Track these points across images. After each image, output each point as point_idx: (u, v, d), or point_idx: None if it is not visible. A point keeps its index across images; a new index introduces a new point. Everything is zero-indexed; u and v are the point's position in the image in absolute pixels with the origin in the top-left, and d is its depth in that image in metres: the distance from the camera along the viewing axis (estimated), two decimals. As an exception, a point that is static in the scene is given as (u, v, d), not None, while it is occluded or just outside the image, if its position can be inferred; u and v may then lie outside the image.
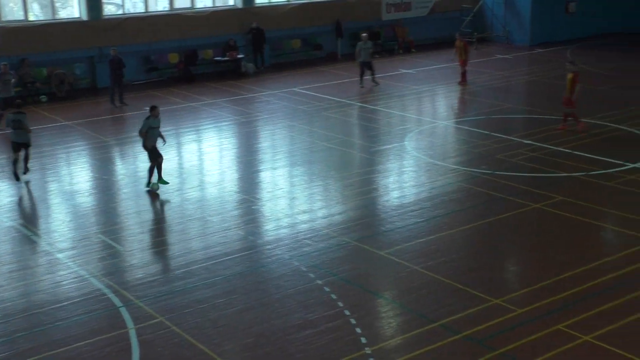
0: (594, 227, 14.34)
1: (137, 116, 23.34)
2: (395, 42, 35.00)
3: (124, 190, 17.20)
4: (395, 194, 16.56)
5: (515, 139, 20.20)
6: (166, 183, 16.85)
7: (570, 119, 20.94)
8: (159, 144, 16.93)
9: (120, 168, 19.20)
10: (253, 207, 15.81)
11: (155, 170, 16.75)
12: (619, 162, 17.94)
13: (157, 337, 10.76)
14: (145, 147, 16.68)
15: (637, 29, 38.18)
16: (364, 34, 28.00)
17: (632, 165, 17.66)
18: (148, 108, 17.09)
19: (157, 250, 13.79)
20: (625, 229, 14.22)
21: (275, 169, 18.45)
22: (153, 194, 16.61)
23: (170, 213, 15.60)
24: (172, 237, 14.34)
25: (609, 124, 21.35)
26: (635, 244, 13.46)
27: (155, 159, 16.66)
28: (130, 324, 11.14)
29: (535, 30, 36.05)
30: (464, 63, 27.02)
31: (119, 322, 11.22)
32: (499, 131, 20.94)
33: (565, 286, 11.94)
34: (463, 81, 27.03)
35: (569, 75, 20.62)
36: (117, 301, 11.84)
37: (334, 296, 11.83)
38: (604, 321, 10.90)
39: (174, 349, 10.46)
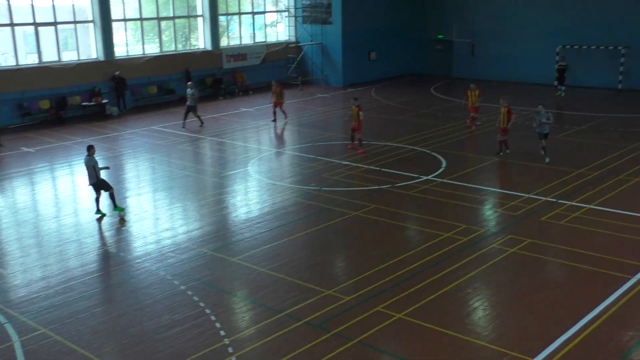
0: (400, 228, 14.90)
1: (12, 155, 21.86)
2: (235, 86, 34.94)
3: (4, 220, 15.98)
4: (242, 210, 16.47)
5: (336, 160, 20.68)
6: (122, 209, 15.99)
7: (355, 142, 21.82)
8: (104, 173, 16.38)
9: (1, 200, 17.85)
10: (122, 228, 15.18)
11: (109, 199, 16.03)
12: (415, 175, 18.80)
13: (40, 347, 10.06)
14: (96, 181, 15.75)
15: (421, 71, 40.32)
16: (190, 83, 27.11)
17: (425, 177, 18.55)
18: (86, 148, 16.09)
19: (38, 271, 12.90)
20: (424, 227, 14.90)
21: (140, 194, 17.84)
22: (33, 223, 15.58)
23: (48, 238, 14.66)
24: (52, 258, 13.48)
25: (406, 145, 22.33)
26: (432, 238, 14.13)
27: (110, 187, 15.94)
28: (15, 337, 10.34)
29: (347, 73, 37.22)
30: (277, 104, 27.01)
31: (4, 336, 10.39)
32: (323, 155, 21.37)
33: (381, 276, 12.33)
34: (275, 120, 26.92)
35: (355, 110, 21.34)
36: (1, 318, 10.95)
37: (196, 298, 11.57)
38: (412, 300, 11.35)
39: (58, 356, 9.82)
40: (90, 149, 15.65)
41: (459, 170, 19.17)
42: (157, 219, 15.82)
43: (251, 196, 17.64)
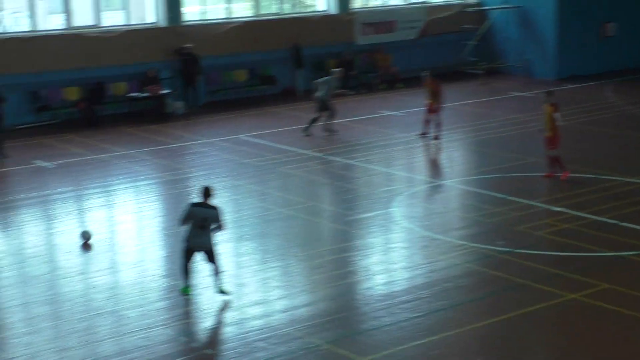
0: (650, 325, 14.50)
1: (20, 172, 23.25)
2: (375, 74, 35.45)
3: (5, 274, 16.97)
4: (380, 278, 16.58)
5: (540, 204, 20.46)
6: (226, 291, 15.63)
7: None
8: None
9: (-1, 243, 19.06)
10: (186, 297, 15.71)
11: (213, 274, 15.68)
12: (681, 236, 18.27)
13: None
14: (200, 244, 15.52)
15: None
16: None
17: (698, 241, 17.98)
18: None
19: (52, 358, 13.55)
20: (693, 327, 14.40)
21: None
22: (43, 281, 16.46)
23: (70, 306, 15.41)
24: (73, 339, 14.14)
25: (665, 185, 21.81)
26: None
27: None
28: None
29: (564, 59, 36.80)
30: (433, 109, 26.99)
31: None
32: (517, 194, 21.20)
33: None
34: (425, 133, 27.00)
35: (548, 110, 22.02)
36: None
37: (300, 420, 11.75)
38: None
39: None
40: (208, 193, 15.45)
41: None
42: (241, 286, 16.24)
43: (395, 256, 17.74)
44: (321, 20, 34.86)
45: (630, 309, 14.96)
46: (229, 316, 14.91)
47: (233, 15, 33.35)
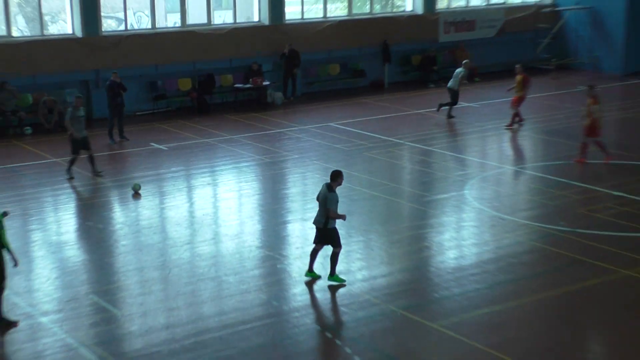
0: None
1: (139, 153, 23.79)
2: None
3: (123, 243, 17.46)
4: (452, 253, 16.64)
5: (602, 189, 20.23)
6: (341, 280, 15.07)
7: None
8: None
9: (119, 215, 19.54)
10: (278, 266, 15.97)
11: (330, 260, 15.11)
12: None
13: (159, 421, 10.88)
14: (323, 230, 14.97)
15: None
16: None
17: None
18: (329, 175, 15.23)
19: (161, 316, 13.92)
20: None
21: (305, 220, 18.63)
22: (157, 249, 16.91)
23: (178, 271, 15.80)
24: (180, 300, 14.50)
25: None
26: None
27: (340, 244, 15.11)
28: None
29: (631, 55, 36.11)
30: (518, 102, 26.80)
31: (114, 401, 11.37)
32: (581, 179, 21.00)
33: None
34: (511, 125, 26.81)
35: (589, 103, 22.30)
36: (111, 376, 12.00)
37: (375, 377, 11.90)
38: None
39: None
40: (337, 178, 14.99)
41: None
42: (327, 257, 16.44)
43: (466, 234, 17.78)
44: (408, 20, 34.80)
45: (679, 286, 14.80)
46: (317, 284, 15.10)
47: (329, 15, 33.52)
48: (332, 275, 15.00)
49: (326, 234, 14.93)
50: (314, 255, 15.21)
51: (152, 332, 13.36)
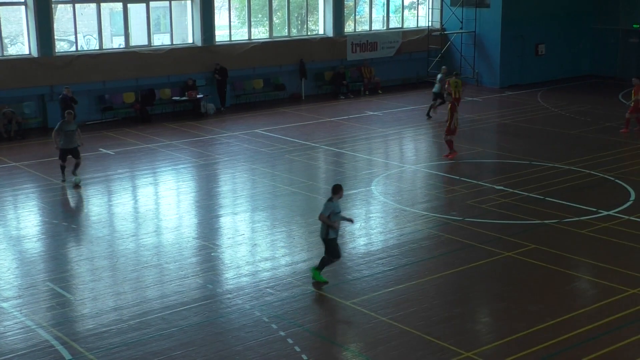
0: (568, 277, 14.46)
1: (89, 157, 23.20)
2: (362, 83, 35.37)
3: (75, 236, 17.00)
4: (362, 240, 16.59)
5: (486, 184, 20.42)
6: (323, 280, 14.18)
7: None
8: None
9: (72, 212, 19.00)
10: (212, 254, 15.71)
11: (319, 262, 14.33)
12: (592, 209, 18.20)
13: (109, 393, 10.57)
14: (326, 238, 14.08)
15: (606, 72, 39.07)
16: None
17: (605, 213, 17.92)
18: (331, 189, 14.38)
19: (110, 299, 13.59)
20: (600, 279, 14.37)
21: (235, 214, 18.41)
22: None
23: (124, 260, 15.42)
24: (126, 286, 14.16)
25: (581, 169, 21.70)
26: (611, 294, 13.60)
27: (336, 255, 14.25)
28: (80, 378, 10.95)
29: (506, 72, 36.72)
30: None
31: (68, 376, 11.02)
32: (469, 176, 21.17)
33: (538, 339, 12.00)
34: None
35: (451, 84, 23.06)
36: (66, 353, 11.63)
37: (297, 348, 11.75)
38: (580, 374, 10.98)
39: (127, 406, 10.27)
40: (338, 191, 14.08)
41: (653, 206, 18.40)
42: (255, 246, 16.26)
43: (373, 224, 17.74)
44: (321, 42, 34.69)
45: (552, 264, 14.97)
46: (245, 269, 14.89)
47: (253, 38, 33.19)
48: (317, 269, 14.14)
49: (326, 244, 14.10)
50: (323, 265, 14.20)
51: (102, 314, 13.02)
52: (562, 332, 12.21)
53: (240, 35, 33.22)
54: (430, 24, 38.20)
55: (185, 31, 31.85)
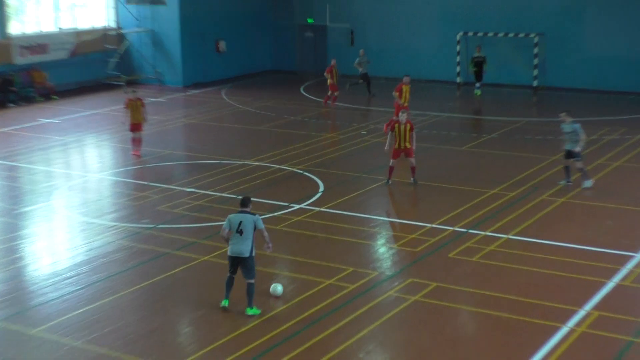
0: (266, 275, 14.68)
1: None
2: (33, 89, 33.56)
3: None
4: (46, 260, 15.72)
5: (177, 187, 20.26)
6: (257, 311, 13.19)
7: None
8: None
9: None
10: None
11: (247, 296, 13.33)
12: (284, 203, 18.76)
13: None
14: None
15: (287, 66, 40.77)
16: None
17: (297, 206, 18.56)
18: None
19: None
20: (298, 273, 14.81)
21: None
22: None
23: None
24: None
25: (271, 164, 22.33)
26: (309, 288, 14.05)
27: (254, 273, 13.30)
28: None
29: (188, 70, 36.90)
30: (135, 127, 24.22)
31: None
32: (158, 180, 20.89)
33: (243, 341, 12.09)
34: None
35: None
36: None
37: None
38: (287, 373, 11.17)
39: None
40: (246, 204, 13.29)
41: (342, 196, 19.37)
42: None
43: (58, 241, 16.92)
44: (-18, 45, 32.45)
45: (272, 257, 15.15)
46: None
47: None
48: (250, 305, 13.16)
49: (248, 263, 13.15)
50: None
51: None
52: (266, 331, 12.39)
53: None
54: (106, 23, 37.31)
55: None
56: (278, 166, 22.20)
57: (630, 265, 14.81)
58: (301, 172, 21.61)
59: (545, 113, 29.90)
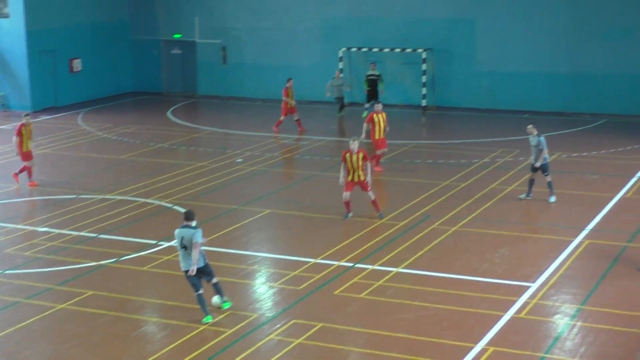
0: (131, 322, 14.67)
1: None
2: None
3: None
4: None
5: (27, 227, 19.96)
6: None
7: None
8: None
9: None
10: None
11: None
12: (152, 241, 18.74)
13: None
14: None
15: (151, 87, 40.56)
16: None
17: (166, 244, 18.55)
18: None
19: None
20: (168, 319, 14.83)
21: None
22: None
23: None
24: None
25: (136, 198, 22.24)
26: (181, 334, 14.10)
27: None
28: None
29: (37, 92, 36.26)
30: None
31: None
32: (4, 219, 20.55)
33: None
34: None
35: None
36: None
37: None
38: None
39: None
40: (190, 218, 14.77)
41: (217, 231, 19.45)
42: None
43: None
44: None
45: (114, 310, 15.10)
46: None
47: None
48: (223, 299, 15.17)
49: (206, 269, 14.75)
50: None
51: None
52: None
53: None
54: None
55: None
56: (144, 200, 22.14)
57: (525, 297, 15.50)
58: (170, 205, 21.62)
59: (435, 135, 30.83)
